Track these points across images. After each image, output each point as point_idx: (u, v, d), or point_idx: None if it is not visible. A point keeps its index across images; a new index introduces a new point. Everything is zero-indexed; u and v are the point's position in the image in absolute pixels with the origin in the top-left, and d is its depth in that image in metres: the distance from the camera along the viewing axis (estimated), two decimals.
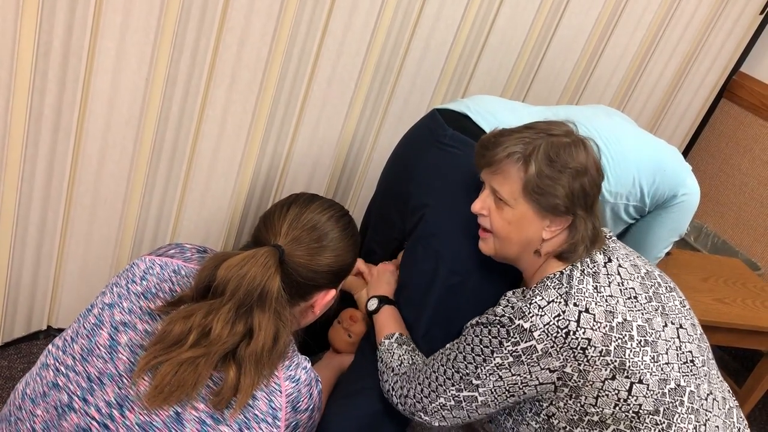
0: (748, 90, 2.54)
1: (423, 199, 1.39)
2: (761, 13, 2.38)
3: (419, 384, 1.21)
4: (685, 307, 1.23)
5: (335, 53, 1.69)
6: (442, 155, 1.40)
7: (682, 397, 1.14)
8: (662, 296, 1.20)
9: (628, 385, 1.11)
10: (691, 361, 1.17)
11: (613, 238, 1.30)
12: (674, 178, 1.50)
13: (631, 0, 2.10)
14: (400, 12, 1.73)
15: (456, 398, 1.17)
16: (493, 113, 1.44)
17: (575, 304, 1.11)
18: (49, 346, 1.03)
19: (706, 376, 1.18)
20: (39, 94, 1.38)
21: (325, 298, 1.12)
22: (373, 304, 1.40)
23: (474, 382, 1.15)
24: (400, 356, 1.29)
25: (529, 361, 1.11)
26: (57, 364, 0.99)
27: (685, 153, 2.70)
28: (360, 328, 1.46)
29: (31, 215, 1.53)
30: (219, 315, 0.96)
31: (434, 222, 1.37)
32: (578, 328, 1.09)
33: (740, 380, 2.30)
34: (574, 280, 1.15)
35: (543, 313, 1.10)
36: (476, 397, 1.15)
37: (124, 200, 1.61)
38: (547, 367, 1.11)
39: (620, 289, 1.16)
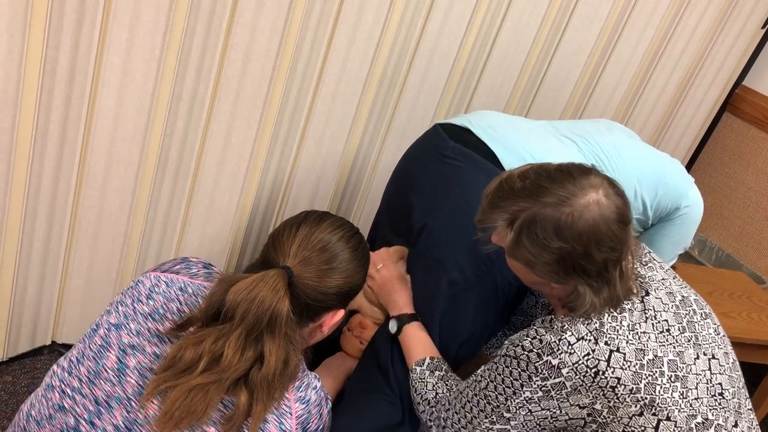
0: (751, 104, 2.54)
1: (426, 210, 1.40)
2: (763, 28, 2.38)
3: (456, 413, 1.20)
4: (719, 334, 1.20)
5: (339, 68, 1.70)
6: (444, 167, 1.41)
7: (708, 429, 1.12)
8: (696, 325, 1.18)
9: (655, 422, 1.09)
10: (720, 393, 1.15)
11: (651, 256, 1.26)
12: (676, 190, 1.50)
13: (633, 15, 2.11)
14: (404, 27, 1.74)
15: (490, 430, 1.16)
16: (494, 127, 1.45)
17: (606, 343, 1.08)
18: (54, 367, 1.02)
19: (734, 408, 1.17)
20: (45, 110, 1.39)
21: (334, 318, 1.11)
22: (393, 327, 1.36)
23: (505, 415, 1.14)
24: (434, 385, 1.26)
25: (558, 396, 1.09)
26: (63, 385, 0.99)
27: (689, 166, 2.70)
28: (370, 333, 1.46)
29: (36, 230, 1.53)
30: (229, 341, 0.95)
31: (437, 232, 1.37)
32: (608, 368, 1.07)
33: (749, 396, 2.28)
34: (604, 316, 1.11)
35: (572, 351, 1.08)
36: (509, 430, 1.15)
37: (129, 215, 1.61)
38: (576, 403, 1.09)
39: (653, 324, 1.13)
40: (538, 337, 1.11)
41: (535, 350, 1.10)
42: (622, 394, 1.08)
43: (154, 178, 1.58)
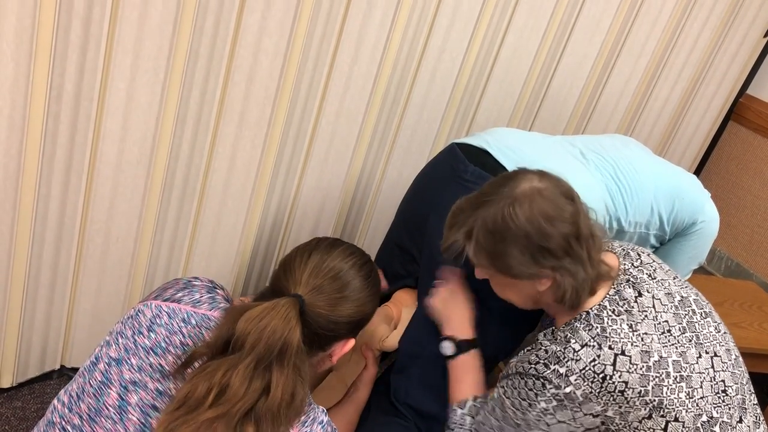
0: (755, 112, 2.54)
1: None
2: (765, 36, 2.39)
3: None
4: (719, 332, 1.22)
5: (342, 88, 1.71)
6: (463, 191, 1.39)
7: (713, 427, 1.13)
8: (696, 324, 1.19)
9: (664, 423, 1.10)
10: (724, 391, 1.16)
11: (644, 259, 1.26)
12: (693, 204, 1.50)
13: (635, 27, 2.11)
14: (406, 44, 1.75)
15: None
16: (512, 148, 1.44)
17: (610, 347, 1.10)
18: (54, 402, 1.01)
19: (738, 404, 1.18)
20: (51, 135, 1.40)
21: (344, 348, 1.10)
22: (448, 349, 1.34)
23: (526, 431, 1.15)
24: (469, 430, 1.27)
25: (571, 406, 1.10)
26: (63, 422, 0.97)
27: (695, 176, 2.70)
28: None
29: (44, 254, 1.54)
30: (237, 371, 0.91)
31: None
32: (614, 372, 1.09)
33: (760, 407, 2.26)
34: (605, 320, 1.13)
35: (578, 358, 1.10)
36: None
37: (136, 238, 1.62)
38: (590, 412, 1.11)
39: (654, 324, 1.14)
40: (543, 348, 1.14)
41: (542, 361, 1.12)
42: (631, 397, 1.09)
43: (160, 200, 1.59)
